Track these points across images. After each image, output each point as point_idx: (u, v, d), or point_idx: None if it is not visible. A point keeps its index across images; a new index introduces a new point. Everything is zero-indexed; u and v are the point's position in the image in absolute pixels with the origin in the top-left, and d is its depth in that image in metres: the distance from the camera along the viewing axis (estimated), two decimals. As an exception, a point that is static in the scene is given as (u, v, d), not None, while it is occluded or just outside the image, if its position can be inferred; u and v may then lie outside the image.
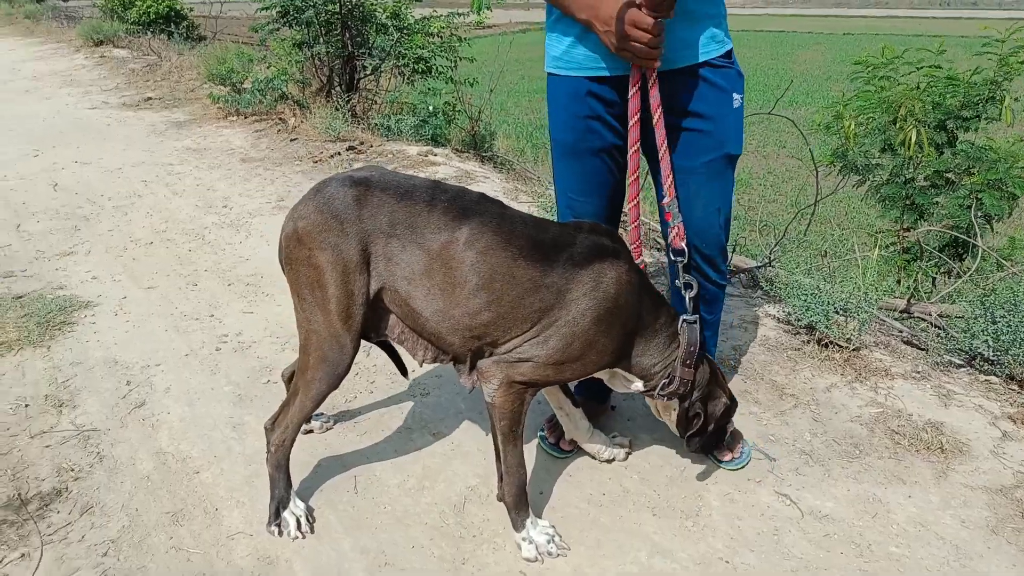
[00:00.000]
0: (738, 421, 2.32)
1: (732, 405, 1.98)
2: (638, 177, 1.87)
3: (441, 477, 2.10)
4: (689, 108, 1.84)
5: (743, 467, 2.13)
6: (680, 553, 1.84)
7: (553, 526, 1.87)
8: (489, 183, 4.84)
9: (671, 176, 1.83)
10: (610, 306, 1.69)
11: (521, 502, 1.81)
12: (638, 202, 1.89)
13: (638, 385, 1.89)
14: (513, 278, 1.64)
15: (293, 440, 1.87)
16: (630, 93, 1.76)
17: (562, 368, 1.72)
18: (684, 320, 1.83)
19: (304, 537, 1.86)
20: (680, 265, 1.86)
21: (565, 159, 1.98)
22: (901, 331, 3.04)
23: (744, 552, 1.85)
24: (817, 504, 2.00)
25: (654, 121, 1.76)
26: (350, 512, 1.97)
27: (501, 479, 1.82)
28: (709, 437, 1.97)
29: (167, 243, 3.85)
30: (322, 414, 2.32)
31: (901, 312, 3.42)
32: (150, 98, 7.64)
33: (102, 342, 2.83)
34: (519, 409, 1.74)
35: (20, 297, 3.20)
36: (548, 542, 1.81)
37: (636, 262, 1.82)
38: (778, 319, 2.96)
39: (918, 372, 2.62)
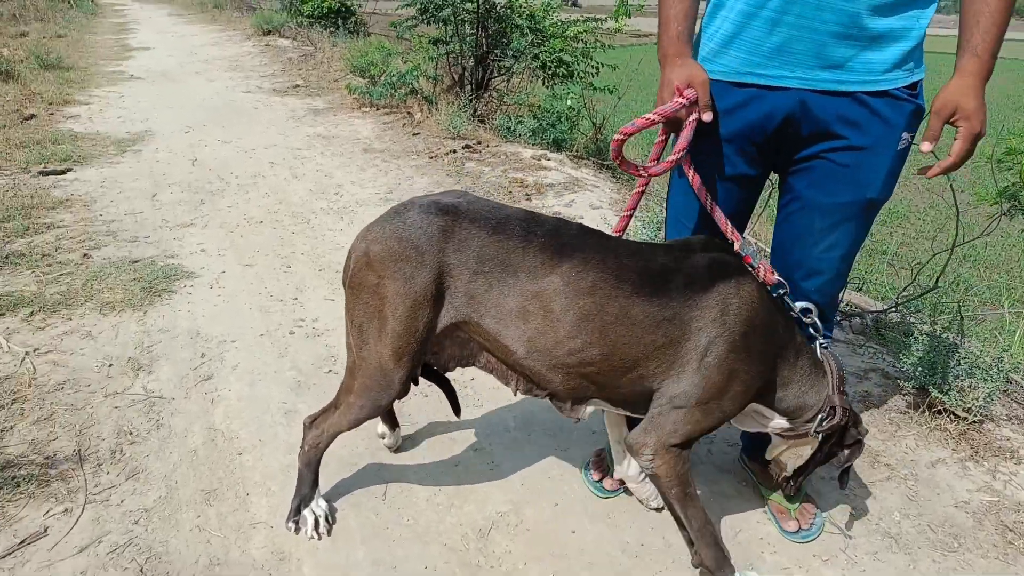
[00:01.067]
0: (816, 486, 2.05)
1: (862, 443, 1.73)
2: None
3: (472, 497, 1.99)
4: (842, 135, 1.52)
5: (811, 541, 1.87)
6: (714, 628, 1.63)
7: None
8: (597, 192, 4.67)
9: (727, 223, 1.61)
10: (744, 329, 1.50)
11: (723, 561, 1.65)
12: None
13: (779, 422, 1.68)
14: (627, 316, 1.48)
15: (327, 445, 1.80)
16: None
17: (709, 410, 1.54)
18: (820, 344, 1.65)
19: (320, 538, 1.82)
20: (786, 294, 1.62)
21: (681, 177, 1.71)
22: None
23: (790, 640, 1.60)
24: (891, 599, 1.71)
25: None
26: (372, 520, 1.90)
27: (691, 544, 1.69)
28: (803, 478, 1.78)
29: (275, 223, 3.99)
30: (397, 427, 2.15)
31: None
32: (298, 85, 8.08)
33: (192, 313, 2.96)
34: (684, 471, 1.59)
35: (136, 262, 3.42)
36: None
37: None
38: (887, 375, 2.60)
39: (1053, 459, 2.20)
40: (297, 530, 1.83)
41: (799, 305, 1.63)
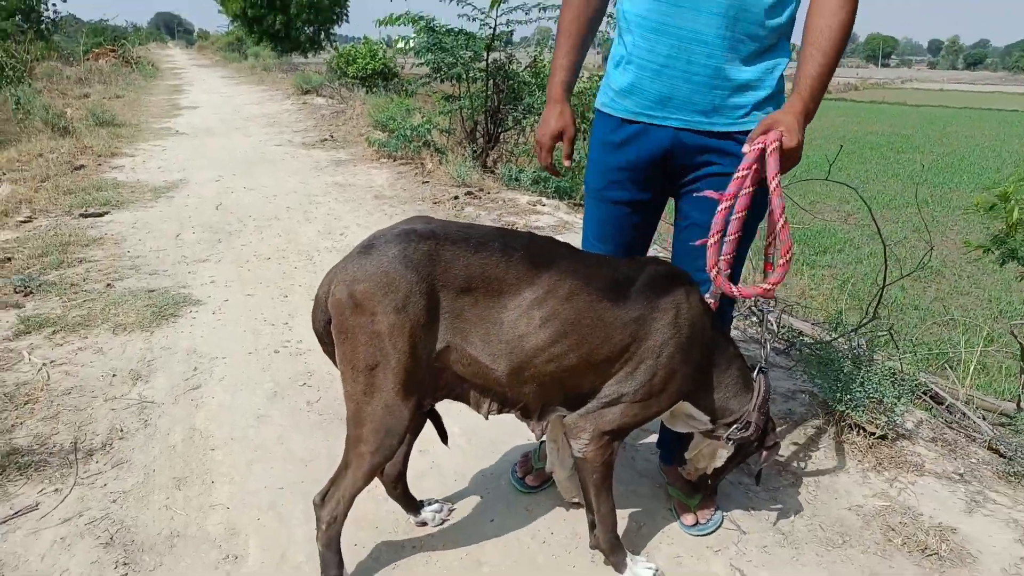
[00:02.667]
0: (724, 490, 2.23)
1: (776, 447, 1.95)
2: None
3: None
4: (714, 162, 1.82)
5: (705, 534, 2.05)
6: (599, 602, 1.82)
7: (653, 563, 1.90)
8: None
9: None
10: (690, 333, 1.69)
11: (617, 546, 1.87)
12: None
13: (703, 423, 1.87)
14: (600, 319, 1.63)
15: (346, 514, 1.72)
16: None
17: (648, 405, 1.71)
18: (761, 368, 1.85)
19: None
20: (758, 318, 1.89)
21: (593, 203, 2.03)
22: (986, 433, 2.72)
23: (667, 615, 1.79)
24: (770, 585, 1.88)
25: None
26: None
27: (593, 527, 1.89)
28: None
29: (281, 260, 4.37)
30: (436, 501, 2.13)
31: (1000, 414, 3.06)
32: (326, 139, 8.65)
33: (192, 334, 3.30)
34: (610, 460, 1.75)
35: (152, 291, 3.81)
36: None
37: None
38: (814, 395, 2.77)
39: (960, 475, 2.35)
40: None
41: (763, 333, 1.91)
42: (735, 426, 1.82)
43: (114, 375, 2.90)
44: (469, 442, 2.47)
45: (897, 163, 14.13)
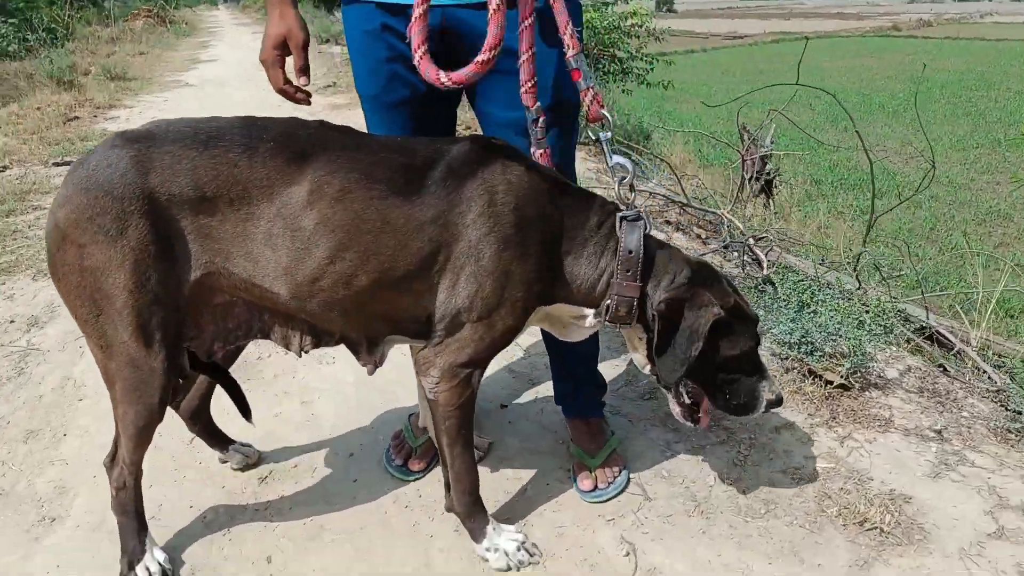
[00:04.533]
0: (637, 448, 1.89)
1: (742, 335, 1.46)
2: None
3: (285, 444, 1.95)
4: (507, 46, 1.42)
5: (602, 501, 1.72)
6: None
7: (522, 532, 1.60)
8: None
9: (568, 24, 1.42)
10: (516, 219, 1.33)
11: (476, 509, 1.56)
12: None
13: (589, 318, 1.47)
14: (387, 223, 1.28)
15: (136, 480, 1.50)
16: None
17: (492, 323, 1.36)
18: (621, 216, 1.41)
19: None
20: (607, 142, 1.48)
21: (373, 114, 1.65)
22: (992, 381, 2.28)
23: (525, 597, 1.47)
24: (662, 563, 1.54)
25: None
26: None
27: (448, 487, 1.58)
28: (709, 389, 1.53)
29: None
30: (249, 445, 1.89)
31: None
32: (331, 85, 8.36)
33: (113, 279, 3.09)
34: (466, 404, 1.45)
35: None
36: (518, 549, 1.54)
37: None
38: (781, 343, 2.36)
39: (936, 431, 1.93)
40: None
41: (614, 160, 1.46)
42: (606, 303, 1.42)
43: (12, 321, 2.71)
44: (358, 393, 2.17)
45: (968, 101, 13.05)
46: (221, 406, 1.79)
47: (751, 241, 3.37)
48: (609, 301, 1.41)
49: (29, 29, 15.10)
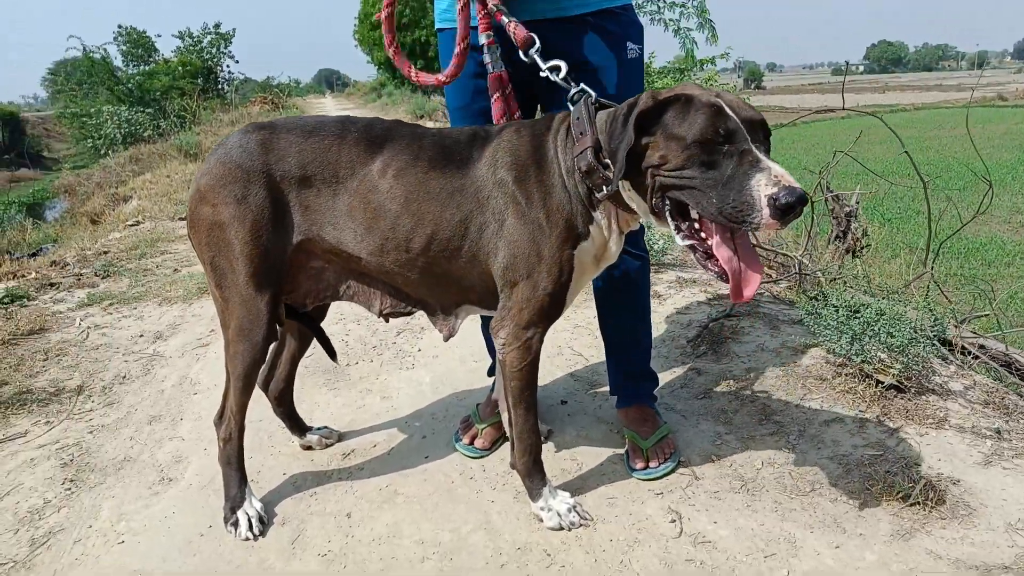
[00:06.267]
0: (688, 438, 2.00)
1: (690, 121, 1.32)
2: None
3: (361, 429, 2.18)
4: (577, 58, 1.70)
5: (652, 479, 1.83)
6: (505, 534, 1.67)
7: (573, 496, 1.74)
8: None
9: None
10: (517, 174, 1.51)
11: (535, 470, 1.72)
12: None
13: (598, 215, 1.53)
14: (428, 193, 1.52)
15: (240, 432, 1.74)
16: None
17: (535, 280, 1.51)
18: (567, 101, 1.55)
19: (256, 539, 1.70)
20: (537, 51, 1.60)
21: (459, 122, 1.92)
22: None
23: (575, 551, 1.60)
24: (706, 529, 1.64)
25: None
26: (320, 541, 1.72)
27: (513, 445, 1.73)
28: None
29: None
30: (325, 427, 2.13)
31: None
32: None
33: (225, 305, 3.48)
34: (529, 365, 1.61)
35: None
36: (569, 511, 1.69)
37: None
38: (826, 349, 2.42)
39: (995, 430, 1.94)
40: (236, 534, 1.71)
41: (549, 64, 1.59)
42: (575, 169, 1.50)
43: (141, 335, 3.10)
44: (433, 390, 2.38)
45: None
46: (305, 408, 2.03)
47: (819, 275, 3.42)
48: (576, 168, 1.48)
49: (163, 116, 16.97)
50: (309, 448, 2.08)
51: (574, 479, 1.86)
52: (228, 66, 25.46)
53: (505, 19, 1.62)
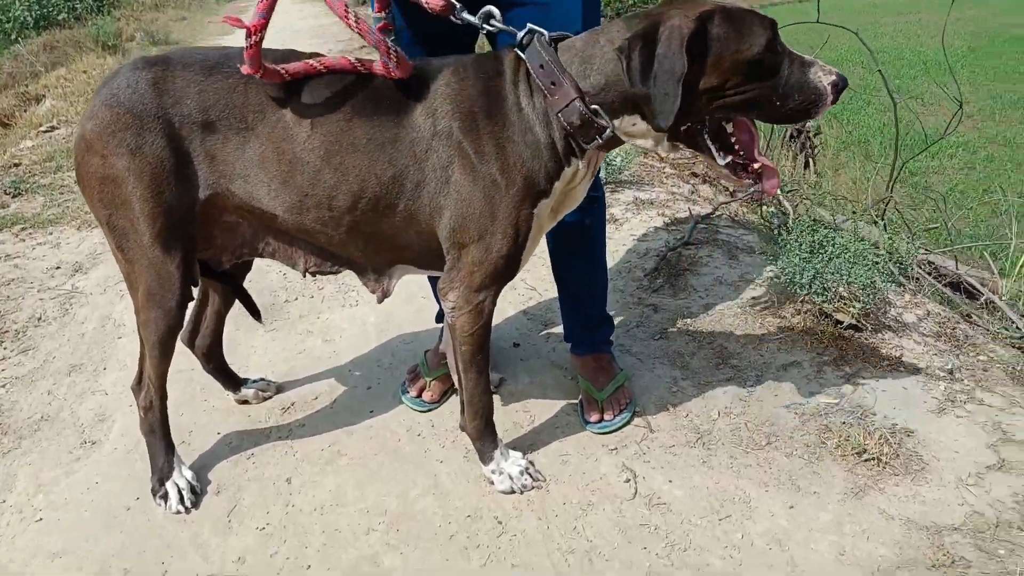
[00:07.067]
0: (644, 384, 1.94)
1: (743, 32, 1.24)
2: None
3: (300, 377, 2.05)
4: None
5: (607, 432, 1.77)
6: (455, 499, 1.60)
7: (527, 458, 1.67)
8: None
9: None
10: (466, 125, 1.33)
11: (486, 432, 1.62)
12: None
13: (572, 167, 1.40)
14: (352, 143, 1.33)
15: (163, 399, 1.61)
16: None
17: (488, 242, 1.37)
18: (516, 47, 1.35)
19: (188, 512, 1.60)
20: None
21: None
22: (1016, 328, 2.24)
23: (527, 517, 1.54)
24: (661, 489, 1.60)
25: None
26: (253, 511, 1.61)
27: (463, 408, 1.64)
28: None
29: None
30: (262, 379, 1.99)
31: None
32: (363, 47, 8.38)
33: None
34: (481, 329, 1.49)
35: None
36: (522, 473, 1.61)
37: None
38: (785, 283, 2.35)
39: (948, 371, 1.93)
40: (166, 506, 1.60)
41: (481, 12, 1.38)
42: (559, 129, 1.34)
43: (58, 267, 2.86)
44: (378, 332, 2.25)
45: (1034, 59, 12.37)
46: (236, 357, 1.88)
47: (778, 194, 3.33)
48: (561, 126, 1.32)
49: (78, -4, 15.45)
50: (245, 402, 1.95)
51: (527, 433, 1.79)
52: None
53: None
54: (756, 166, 1.35)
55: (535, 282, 2.48)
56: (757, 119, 1.33)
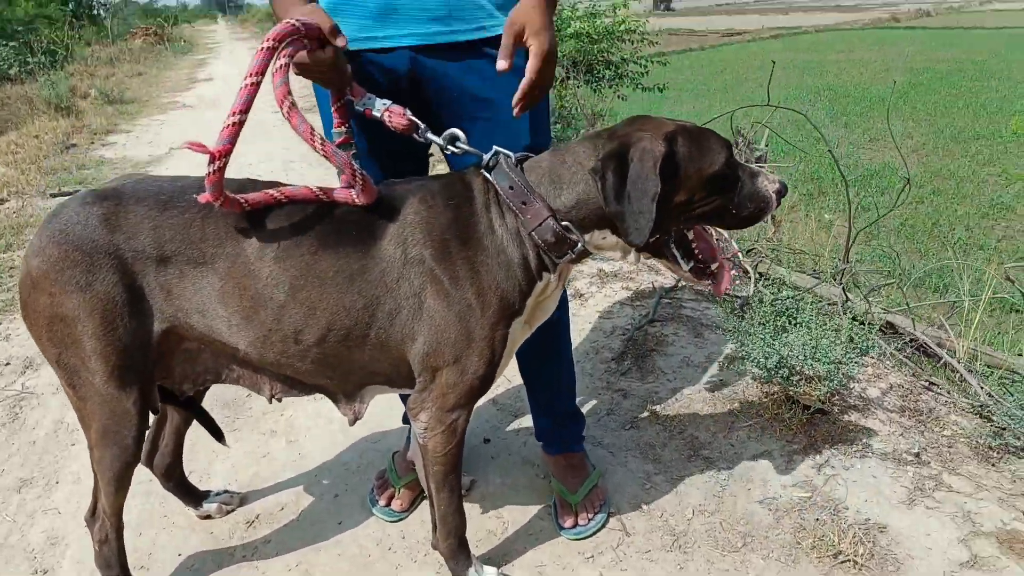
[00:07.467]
0: (617, 480, 1.92)
1: (705, 151, 1.32)
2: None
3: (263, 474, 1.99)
4: (475, 94, 1.50)
5: (582, 538, 1.74)
6: (428, 623, 1.55)
7: (501, 570, 1.64)
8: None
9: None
10: (437, 252, 1.32)
11: (460, 551, 1.58)
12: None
13: (546, 279, 1.41)
14: (318, 277, 1.30)
15: (117, 532, 1.54)
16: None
17: (464, 364, 1.36)
18: (483, 169, 1.37)
19: None
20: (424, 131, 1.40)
21: None
22: (980, 395, 2.28)
23: (503, 640, 1.50)
24: (639, 601, 1.57)
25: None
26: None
27: (435, 526, 1.60)
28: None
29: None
30: (225, 491, 1.93)
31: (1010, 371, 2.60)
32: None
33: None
34: (454, 448, 1.46)
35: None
36: None
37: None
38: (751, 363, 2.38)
39: (915, 455, 1.95)
40: None
41: (445, 135, 1.41)
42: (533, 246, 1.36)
43: (7, 363, 2.75)
44: (344, 431, 2.20)
45: (969, 92, 12.96)
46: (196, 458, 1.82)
47: (739, 256, 3.39)
48: (533, 243, 1.34)
49: (30, 52, 15.23)
50: (208, 517, 1.88)
51: (500, 543, 1.75)
52: (103, -12, 23.16)
53: (375, 113, 1.37)
54: (714, 267, 1.43)
55: (507, 370, 2.46)
56: (716, 226, 1.41)
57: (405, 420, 2.03)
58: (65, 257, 1.28)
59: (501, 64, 1.32)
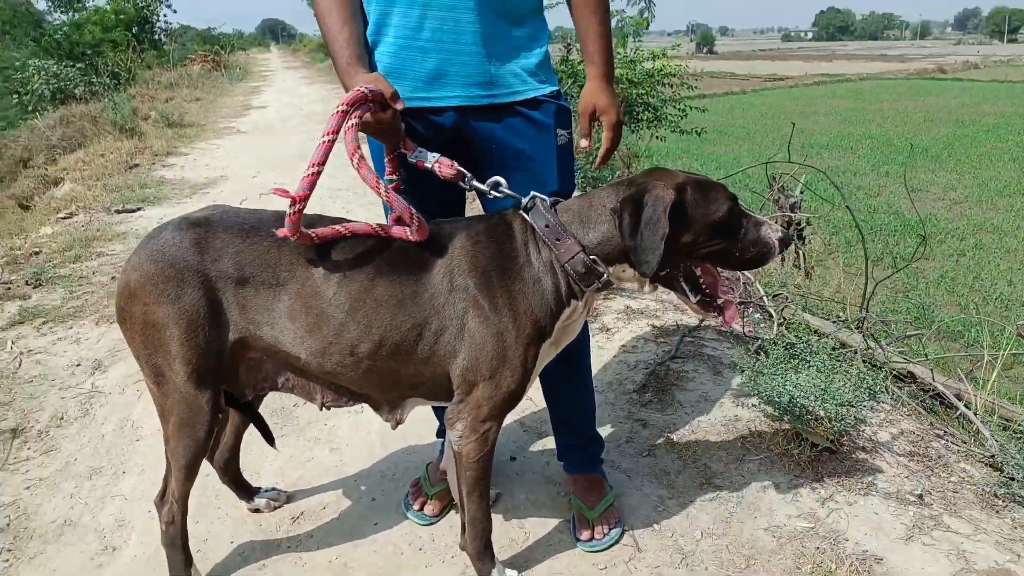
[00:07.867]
0: (632, 503, 2.06)
1: (712, 200, 1.53)
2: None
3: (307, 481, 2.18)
4: (510, 147, 1.74)
5: (598, 551, 1.89)
6: (453, 617, 1.71)
7: (521, 574, 1.81)
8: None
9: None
10: (480, 282, 1.52)
11: (485, 553, 1.75)
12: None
13: (572, 306, 1.61)
14: (376, 301, 1.51)
15: (183, 514, 1.73)
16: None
17: (499, 379, 1.54)
18: (521, 210, 1.59)
19: None
20: (469, 179, 1.62)
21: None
22: (993, 445, 2.38)
23: (521, 636, 1.65)
24: (647, 611, 1.71)
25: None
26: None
27: (464, 529, 1.77)
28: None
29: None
30: (273, 488, 2.13)
31: None
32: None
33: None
34: (486, 456, 1.63)
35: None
36: None
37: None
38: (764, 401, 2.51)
39: (918, 495, 2.06)
40: None
41: (489, 182, 1.63)
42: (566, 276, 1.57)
43: (78, 364, 3.01)
44: (382, 442, 2.39)
45: (1016, 146, 12.92)
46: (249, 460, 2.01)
47: (764, 299, 3.53)
48: (565, 273, 1.55)
49: (95, 73, 16.08)
50: (258, 511, 2.08)
51: (522, 551, 1.91)
52: (164, 14, 24.26)
53: (427, 164, 1.59)
54: (720, 301, 1.63)
55: (532, 392, 2.63)
56: (719, 267, 1.62)
57: (439, 434, 2.22)
58: (160, 273, 1.51)
59: (583, 143, 1.66)
